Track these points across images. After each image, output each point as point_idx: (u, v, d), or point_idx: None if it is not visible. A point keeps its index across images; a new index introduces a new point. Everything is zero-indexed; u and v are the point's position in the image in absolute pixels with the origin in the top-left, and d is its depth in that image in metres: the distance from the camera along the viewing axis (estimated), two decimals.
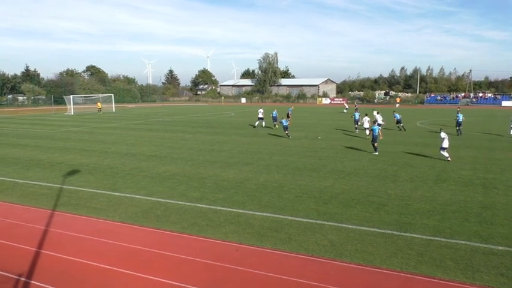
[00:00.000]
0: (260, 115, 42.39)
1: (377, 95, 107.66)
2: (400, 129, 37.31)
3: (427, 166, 20.48)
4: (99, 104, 68.76)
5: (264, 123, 41.63)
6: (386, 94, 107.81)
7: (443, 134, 22.42)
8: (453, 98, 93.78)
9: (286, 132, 32.06)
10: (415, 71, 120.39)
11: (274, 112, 41.15)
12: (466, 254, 9.95)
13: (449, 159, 21.80)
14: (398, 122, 38.05)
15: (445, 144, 21.98)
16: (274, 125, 39.90)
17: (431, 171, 19.23)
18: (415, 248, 10.30)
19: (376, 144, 24.56)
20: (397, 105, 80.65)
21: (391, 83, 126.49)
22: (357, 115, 37.37)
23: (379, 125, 26.79)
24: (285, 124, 32.40)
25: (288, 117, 39.01)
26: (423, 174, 18.59)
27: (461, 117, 34.48)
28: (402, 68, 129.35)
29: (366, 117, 33.28)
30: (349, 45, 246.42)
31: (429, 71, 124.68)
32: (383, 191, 15.75)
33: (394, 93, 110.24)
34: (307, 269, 9.29)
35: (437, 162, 21.42)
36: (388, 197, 14.92)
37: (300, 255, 10.00)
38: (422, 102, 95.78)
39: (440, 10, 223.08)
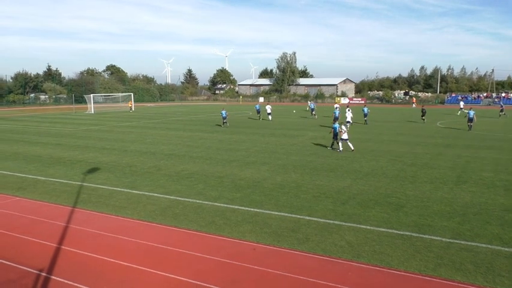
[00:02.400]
0: (269, 110, 47.78)
1: (396, 94, 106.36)
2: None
3: (447, 167, 20.17)
4: (130, 103, 70.73)
5: (270, 118, 47.32)
6: (405, 94, 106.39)
7: (344, 128, 25.32)
8: (475, 98, 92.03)
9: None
10: (436, 70, 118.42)
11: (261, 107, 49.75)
12: (487, 257, 9.76)
13: (341, 150, 24.82)
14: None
15: (345, 136, 24.88)
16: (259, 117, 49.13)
17: (452, 173, 18.93)
18: (434, 251, 10.16)
19: (336, 142, 25.74)
20: (414, 105, 79.49)
21: (410, 82, 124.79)
22: (337, 112, 39.29)
23: (348, 122, 28.93)
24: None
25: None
26: (443, 176, 18.31)
27: (472, 114, 36.73)
28: (422, 68, 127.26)
29: (349, 112, 37.70)
30: (368, 45, 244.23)
31: (450, 71, 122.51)
32: (401, 192, 15.57)
33: (414, 93, 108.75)
34: (324, 269, 9.25)
35: (457, 164, 21.07)
36: (406, 198, 14.74)
37: (317, 256, 9.96)
38: (442, 102, 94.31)
39: (462, 9, 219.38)
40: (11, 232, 11.78)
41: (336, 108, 44.25)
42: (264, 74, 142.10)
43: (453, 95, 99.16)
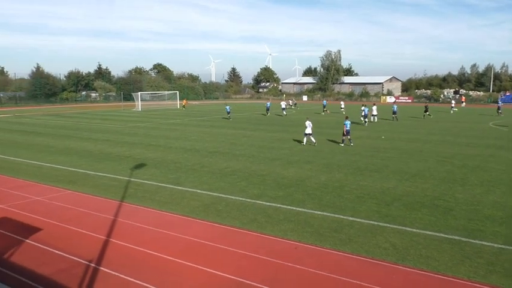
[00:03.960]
0: (283, 106, 53.91)
1: (445, 93, 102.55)
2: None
3: (500, 170, 19.24)
4: (184, 101, 72.41)
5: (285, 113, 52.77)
6: (455, 93, 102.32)
7: (307, 123, 26.91)
8: None
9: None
10: (488, 68, 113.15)
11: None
12: None
13: (304, 143, 26.97)
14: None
15: (308, 130, 26.78)
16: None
17: (505, 176, 18.04)
18: (485, 257, 9.71)
19: (345, 137, 27.11)
20: (463, 104, 76.17)
21: (461, 81, 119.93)
22: (366, 110, 41.42)
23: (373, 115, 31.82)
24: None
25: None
26: (495, 179, 17.49)
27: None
28: (473, 65, 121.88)
29: (375, 106, 43.39)
30: (417, 42, 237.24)
31: (504, 68, 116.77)
32: (450, 195, 15.00)
33: (465, 91, 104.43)
34: (367, 271, 9.07)
35: (511, 166, 20.06)
36: (455, 201, 14.19)
37: (360, 257, 9.77)
38: (496, 102, 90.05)
39: None
40: (63, 224, 12.33)
41: (363, 107, 43.72)
42: (308, 72, 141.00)
43: (508, 93, 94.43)
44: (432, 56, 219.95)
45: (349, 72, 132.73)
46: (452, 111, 57.74)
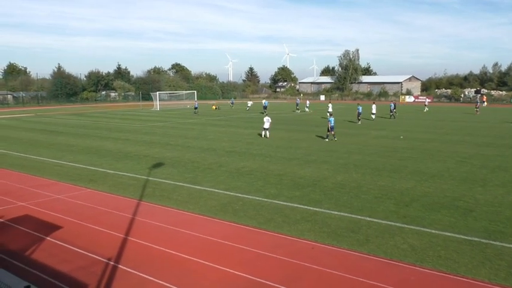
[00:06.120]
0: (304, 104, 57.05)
1: (466, 92, 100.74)
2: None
3: None
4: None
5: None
6: (477, 92, 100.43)
7: (266, 118, 30.41)
8: None
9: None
10: (511, 67, 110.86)
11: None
12: None
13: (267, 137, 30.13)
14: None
15: (266, 125, 30.20)
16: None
17: None
18: (506, 259, 9.53)
19: (329, 133, 29.10)
20: (484, 103, 74.69)
21: (482, 80, 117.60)
22: (360, 108, 42.23)
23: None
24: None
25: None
26: None
27: None
28: (495, 64, 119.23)
29: (374, 105, 44.90)
30: (436, 41, 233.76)
31: None
32: (470, 196, 14.76)
33: (487, 91, 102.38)
34: (385, 272, 8.99)
35: None
36: (476, 202, 13.95)
37: (378, 258, 9.70)
38: None
39: None
40: (82, 222, 12.55)
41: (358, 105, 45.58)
42: (326, 71, 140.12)
43: None
44: (452, 55, 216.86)
45: (367, 71, 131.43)
46: (476, 111, 55.01)
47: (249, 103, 67.68)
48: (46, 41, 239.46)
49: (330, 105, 50.55)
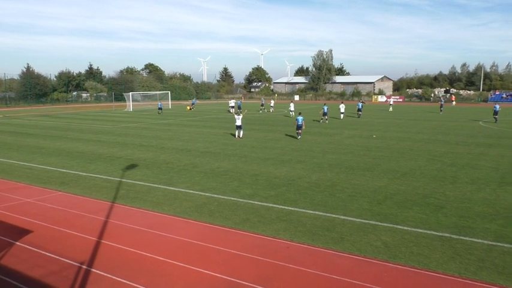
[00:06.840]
0: (292, 108, 51.97)
1: (436, 92, 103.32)
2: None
3: (490, 168, 19.44)
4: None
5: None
6: (446, 92, 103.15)
7: (236, 116, 30.86)
8: None
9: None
10: (478, 67, 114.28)
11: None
12: None
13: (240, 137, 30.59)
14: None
15: (238, 122, 30.49)
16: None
17: (495, 173, 18.23)
18: (475, 253, 9.82)
19: (297, 132, 30.09)
20: (453, 103, 77.37)
21: (452, 80, 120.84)
22: (326, 108, 43.31)
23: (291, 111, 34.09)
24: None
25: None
26: (486, 176, 17.67)
27: (497, 107, 43.90)
28: (464, 65, 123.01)
29: (342, 104, 46.79)
30: (408, 42, 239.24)
31: (494, 68, 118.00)
32: (441, 193, 15.13)
33: (456, 90, 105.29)
34: (359, 269, 9.12)
35: (501, 164, 20.28)
36: (446, 199, 14.31)
37: (352, 256, 9.83)
38: (485, 101, 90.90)
39: (510, 3, 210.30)
40: (54, 225, 12.25)
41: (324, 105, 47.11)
42: (300, 72, 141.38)
43: (497, 92, 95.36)
44: (423, 56, 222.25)
45: (340, 71, 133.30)
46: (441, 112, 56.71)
47: (272, 102, 63.72)
48: (15, 40, 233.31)
49: (291, 104, 53.05)
